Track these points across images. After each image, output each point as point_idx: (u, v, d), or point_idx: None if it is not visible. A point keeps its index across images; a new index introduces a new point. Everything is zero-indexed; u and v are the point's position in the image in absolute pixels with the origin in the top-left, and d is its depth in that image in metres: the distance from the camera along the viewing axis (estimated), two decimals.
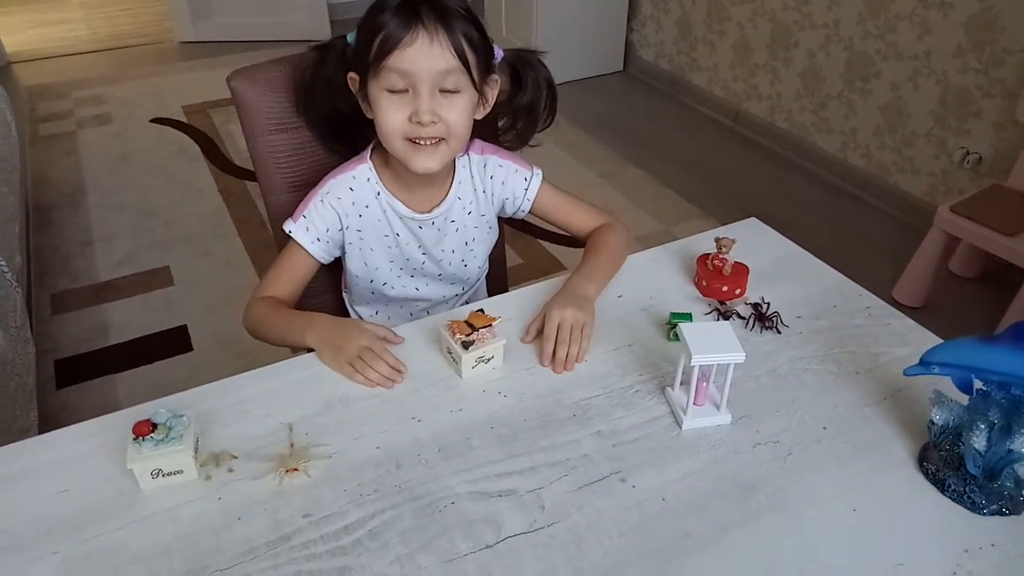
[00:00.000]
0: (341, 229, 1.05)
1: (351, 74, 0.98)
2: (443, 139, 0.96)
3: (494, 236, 1.16)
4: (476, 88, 0.96)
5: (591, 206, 1.15)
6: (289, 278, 1.05)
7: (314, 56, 1.04)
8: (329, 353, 0.91)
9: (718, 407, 0.84)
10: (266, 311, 1.01)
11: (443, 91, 0.93)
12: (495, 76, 1.01)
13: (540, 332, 0.95)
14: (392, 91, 0.93)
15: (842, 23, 2.63)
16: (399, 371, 0.89)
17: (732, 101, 3.22)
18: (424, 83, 0.92)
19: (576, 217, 1.14)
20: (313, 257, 1.05)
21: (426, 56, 0.90)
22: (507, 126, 1.10)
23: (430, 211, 1.06)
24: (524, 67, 1.05)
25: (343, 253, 1.08)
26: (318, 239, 1.04)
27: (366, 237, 1.06)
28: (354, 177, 1.04)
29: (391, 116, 0.94)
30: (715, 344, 0.80)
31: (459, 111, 0.95)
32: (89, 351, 2.01)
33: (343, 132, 1.08)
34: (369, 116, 0.98)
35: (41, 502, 0.75)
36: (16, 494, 0.76)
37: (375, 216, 1.05)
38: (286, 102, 1.09)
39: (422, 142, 0.95)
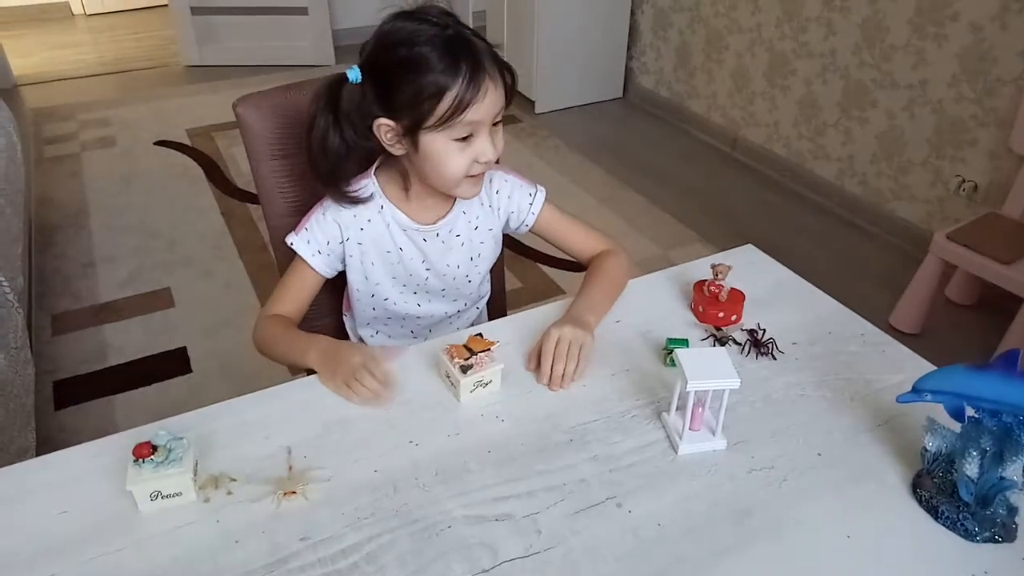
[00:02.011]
0: (342, 241, 1.06)
1: (384, 122, 0.95)
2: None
3: (498, 251, 1.18)
4: None
5: (593, 229, 1.17)
6: (294, 294, 1.07)
7: (323, 106, 0.97)
8: (327, 374, 0.93)
9: (714, 432, 0.85)
10: (272, 331, 1.03)
11: (493, 125, 0.97)
12: None
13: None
14: (459, 139, 0.95)
15: (838, 53, 2.67)
16: (387, 386, 0.90)
17: (730, 128, 3.26)
18: (486, 126, 0.96)
19: (578, 239, 1.16)
20: (315, 271, 1.06)
21: (492, 102, 0.94)
22: None
23: (435, 223, 1.08)
24: None
25: (345, 267, 1.10)
26: (319, 251, 1.05)
27: (367, 251, 1.08)
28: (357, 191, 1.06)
29: (457, 163, 0.96)
30: (711, 370, 0.81)
31: (502, 137, 1.00)
32: (88, 372, 2.01)
33: (341, 170, 1.03)
34: (397, 154, 0.99)
35: (40, 523, 0.75)
36: (16, 515, 0.76)
37: (377, 231, 1.07)
38: (290, 128, 1.11)
39: (480, 175, 0.99)
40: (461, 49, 0.92)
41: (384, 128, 0.97)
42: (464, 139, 0.95)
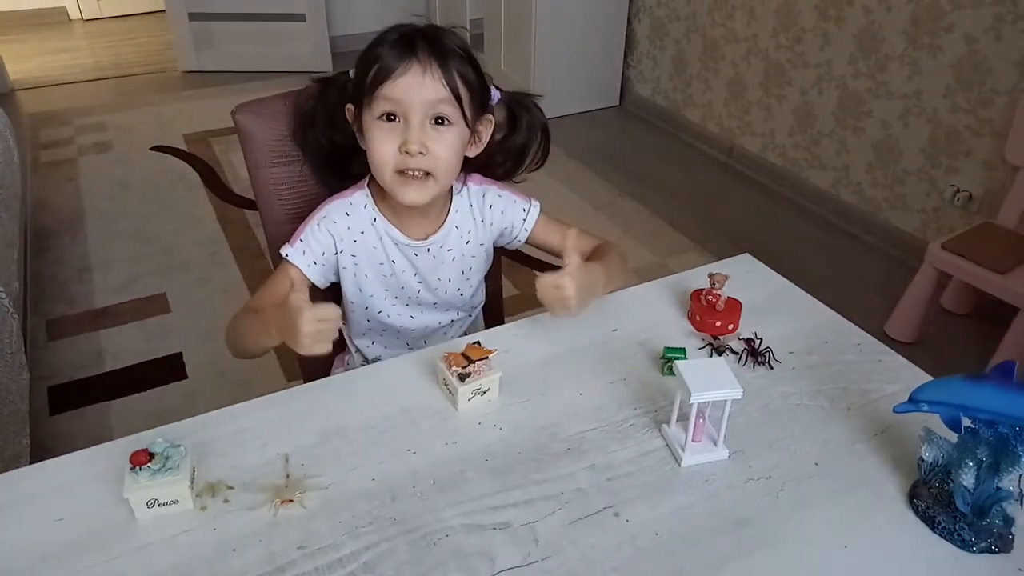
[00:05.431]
0: (336, 253, 1.06)
1: (348, 105, 1.02)
2: (430, 174, 0.98)
3: (490, 263, 1.18)
4: (468, 124, 0.98)
5: (586, 232, 1.15)
6: (275, 296, 1.05)
7: (317, 88, 1.06)
8: (294, 345, 0.88)
9: (715, 442, 0.85)
10: (235, 324, 1.02)
11: (434, 124, 0.96)
12: (489, 116, 1.04)
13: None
14: (383, 119, 0.95)
15: (834, 63, 2.68)
16: (333, 318, 0.88)
17: (726, 137, 3.27)
18: (415, 113, 0.94)
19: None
20: (310, 280, 1.06)
21: (418, 86, 0.93)
22: (497, 163, 1.12)
23: (426, 238, 1.08)
24: (520, 110, 1.08)
25: (338, 279, 1.10)
26: (314, 262, 1.05)
27: (360, 263, 1.08)
28: (351, 203, 1.06)
29: (382, 146, 0.96)
30: (712, 381, 0.81)
31: (448, 145, 0.97)
32: (83, 378, 2.01)
33: (337, 165, 1.10)
34: (364, 147, 1.00)
35: (36, 531, 0.75)
36: (10, 523, 0.76)
37: (371, 243, 1.07)
38: (289, 135, 1.11)
39: (411, 174, 0.97)
40: (412, 33, 0.95)
41: (349, 112, 1.02)
42: (390, 120, 0.95)
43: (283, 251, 1.05)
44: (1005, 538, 0.75)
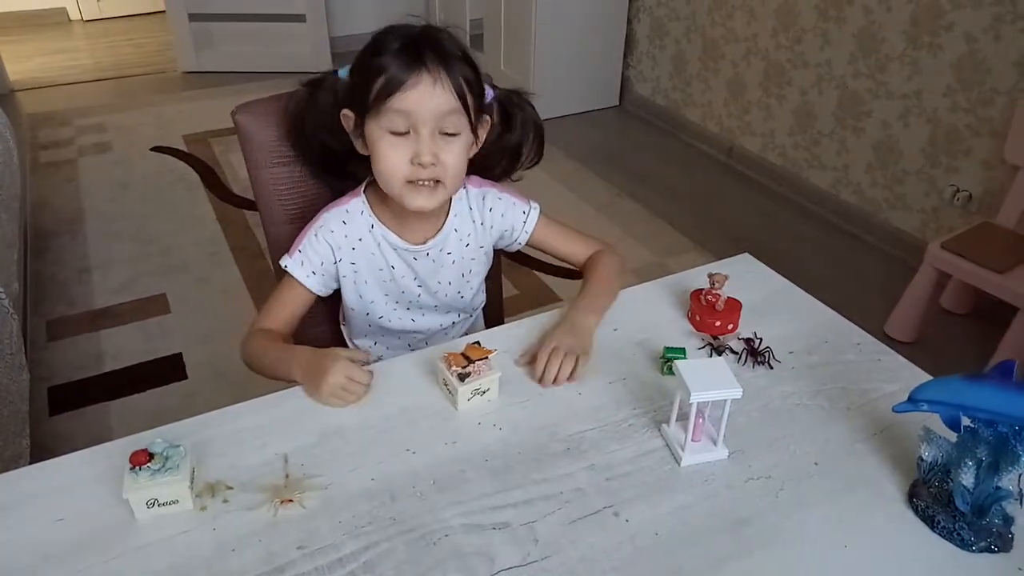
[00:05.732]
0: (335, 262, 1.06)
1: (345, 111, 1.00)
2: (439, 182, 0.97)
3: (489, 264, 1.18)
4: (473, 130, 0.99)
5: (585, 235, 1.18)
6: (284, 310, 1.06)
7: (305, 91, 1.06)
8: (310, 388, 0.92)
9: (714, 442, 0.85)
10: (260, 345, 1.02)
11: (442, 133, 0.95)
12: (487, 116, 1.04)
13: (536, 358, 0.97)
14: (393, 133, 0.94)
15: (834, 62, 2.68)
16: (367, 385, 0.92)
17: (726, 137, 3.27)
18: (426, 125, 0.93)
19: (571, 247, 1.17)
20: (309, 291, 1.06)
21: (429, 98, 0.92)
22: (494, 163, 1.12)
23: (424, 242, 1.07)
24: (514, 108, 1.08)
25: (339, 286, 1.10)
26: (313, 272, 1.05)
27: (360, 270, 1.08)
28: (347, 211, 1.06)
29: (391, 158, 0.95)
30: (712, 380, 0.81)
31: (456, 154, 0.97)
32: (83, 378, 2.01)
33: (334, 166, 1.10)
34: (363, 153, 1.00)
35: (36, 531, 0.75)
36: (11, 523, 0.76)
37: (369, 250, 1.07)
38: (284, 137, 1.11)
39: (421, 183, 0.97)
40: (415, 40, 0.93)
41: (346, 118, 1.00)
42: (401, 135, 0.94)
43: (283, 262, 1.06)
44: (1005, 537, 0.75)
